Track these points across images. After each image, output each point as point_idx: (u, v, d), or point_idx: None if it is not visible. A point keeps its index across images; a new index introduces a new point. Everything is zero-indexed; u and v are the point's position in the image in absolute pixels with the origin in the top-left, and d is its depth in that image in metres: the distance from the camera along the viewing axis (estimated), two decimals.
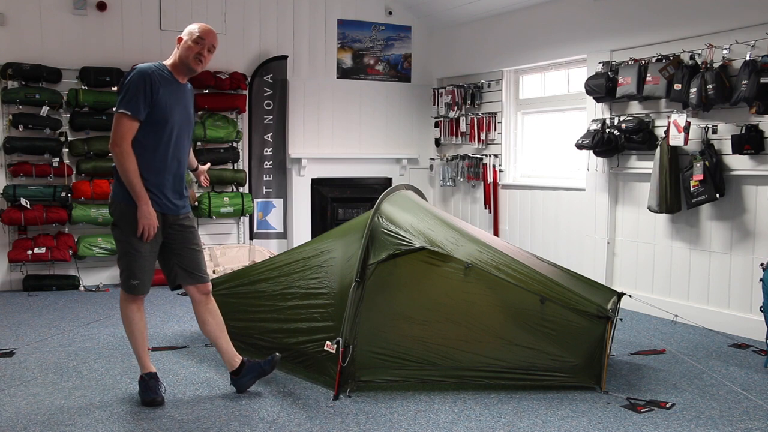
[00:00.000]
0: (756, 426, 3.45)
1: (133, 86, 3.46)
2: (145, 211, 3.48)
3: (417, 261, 3.91)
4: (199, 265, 3.75)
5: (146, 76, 3.47)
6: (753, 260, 5.08)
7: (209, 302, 3.79)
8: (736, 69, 4.93)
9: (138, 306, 3.67)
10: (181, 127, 3.63)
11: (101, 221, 6.62)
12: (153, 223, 3.50)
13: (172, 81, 3.60)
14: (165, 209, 3.61)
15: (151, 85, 3.47)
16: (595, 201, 6.26)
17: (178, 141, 3.62)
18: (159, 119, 3.51)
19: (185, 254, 3.71)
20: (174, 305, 6.01)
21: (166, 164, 3.58)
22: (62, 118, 6.62)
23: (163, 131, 3.54)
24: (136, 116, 3.45)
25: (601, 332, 3.82)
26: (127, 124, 3.45)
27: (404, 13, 8.20)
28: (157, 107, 3.49)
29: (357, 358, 3.78)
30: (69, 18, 6.70)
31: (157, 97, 3.48)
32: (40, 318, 5.50)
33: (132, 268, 3.58)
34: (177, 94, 3.61)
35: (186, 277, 3.72)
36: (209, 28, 3.65)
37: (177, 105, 3.60)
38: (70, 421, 3.42)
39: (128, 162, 3.46)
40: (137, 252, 3.56)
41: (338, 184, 7.97)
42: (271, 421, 3.45)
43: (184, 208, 3.73)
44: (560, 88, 6.97)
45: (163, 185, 3.59)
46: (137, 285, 3.60)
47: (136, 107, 3.44)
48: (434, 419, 3.49)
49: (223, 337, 3.81)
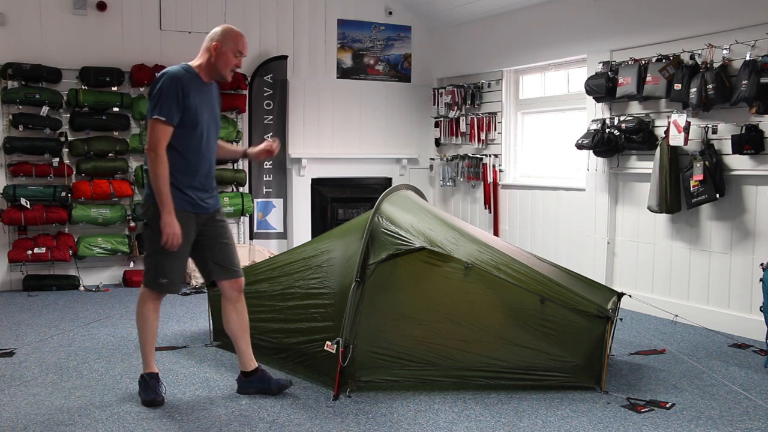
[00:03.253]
0: (756, 426, 3.45)
1: (165, 92, 3.46)
2: (168, 220, 3.47)
3: (417, 261, 3.91)
4: (231, 259, 3.75)
5: (177, 80, 3.48)
6: (753, 260, 5.07)
7: (239, 300, 3.77)
8: (736, 69, 4.93)
9: (155, 306, 3.68)
10: (209, 127, 3.65)
11: (101, 221, 6.63)
12: (176, 233, 3.48)
13: (200, 83, 3.61)
14: (198, 209, 3.62)
15: (182, 89, 3.48)
16: (595, 201, 6.26)
17: (208, 141, 3.65)
18: (190, 122, 3.53)
19: (217, 249, 3.71)
20: (174, 305, 6.00)
21: (198, 165, 3.60)
22: (62, 118, 6.61)
23: (194, 134, 3.56)
24: (170, 122, 3.46)
25: (601, 332, 3.82)
26: (162, 130, 3.46)
27: (404, 13, 8.20)
28: (188, 111, 3.51)
29: (357, 358, 3.78)
30: (69, 18, 6.70)
31: (188, 101, 3.50)
32: (40, 318, 5.50)
33: (162, 267, 3.58)
34: (205, 95, 3.62)
35: (220, 271, 3.72)
36: (244, 36, 3.64)
37: (205, 106, 3.61)
38: (70, 421, 3.42)
39: (161, 168, 3.47)
40: (168, 251, 3.54)
41: (338, 184, 7.97)
42: (271, 421, 3.45)
43: (216, 205, 3.74)
44: (560, 88, 6.97)
45: (195, 186, 3.60)
46: (166, 284, 3.60)
47: (169, 113, 3.45)
48: (434, 419, 3.49)
49: (244, 338, 3.79)
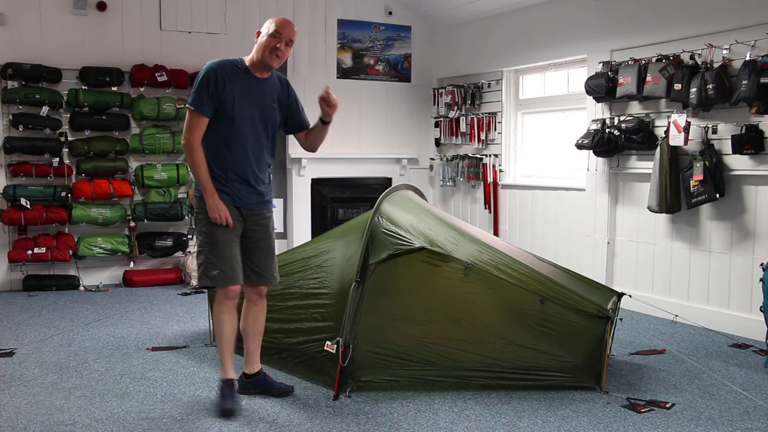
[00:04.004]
0: (756, 426, 3.45)
1: (199, 82, 3.49)
2: (211, 203, 3.49)
3: (417, 261, 3.91)
4: (268, 266, 3.70)
5: (211, 71, 3.49)
6: (753, 260, 5.08)
7: (259, 303, 3.75)
8: (736, 69, 4.93)
9: (229, 306, 3.56)
10: (253, 121, 3.58)
11: (101, 221, 6.63)
12: (223, 213, 3.49)
13: (246, 75, 3.57)
14: (238, 202, 3.60)
15: (215, 79, 3.47)
16: (595, 201, 6.26)
17: (249, 136, 3.58)
18: (226, 113, 3.51)
19: (255, 253, 3.67)
20: (174, 305, 6.01)
21: (234, 158, 3.55)
22: (62, 118, 6.62)
23: (231, 125, 3.53)
24: (200, 111, 3.47)
25: (601, 332, 3.82)
26: (194, 119, 3.49)
27: (404, 13, 8.20)
28: (223, 102, 3.49)
29: (357, 358, 3.78)
30: (69, 18, 6.70)
31: (223, 91, 3.48)
32: (40, 318, 5.50)
33: (210, 258, 3.53)
34: (251, 88, 3.57)
35: (252, 275, 3.67)
36: (287, 20, 3.62)
37: (248, 99, 3.56)
38: (70, 421, 3.42)
39: (195, 156, 3.49)
40: (215, 241, 3.52)
41: (338, 184, 7.97)
42: (271, 421, 3.45)
43: (261, 204, 3.68)
44: (560, 88, 6.97)
45: (233, 179, 3.57)
46: (218, 275, 3.51)
47: (200, 103, 3.47)
48: (434, 419, 3.49)
49: (255, 340, 3.76)
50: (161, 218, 6.83)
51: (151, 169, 6.81)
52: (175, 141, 6.83)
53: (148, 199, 6.84)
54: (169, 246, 6.96)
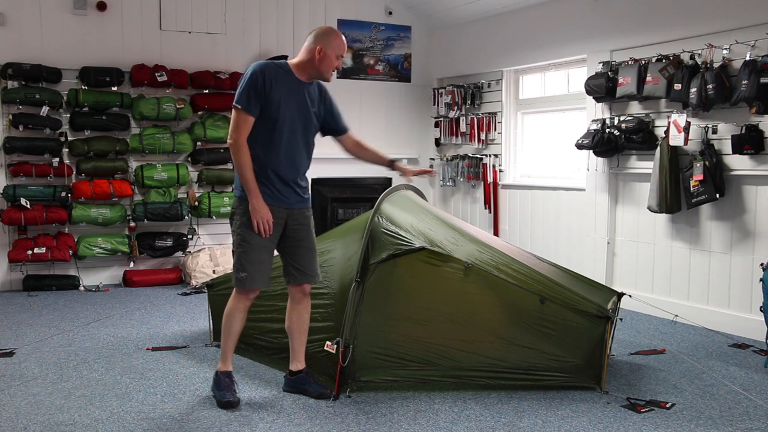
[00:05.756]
0: (756, 426, 3.45)
1: (245, 81, 3.53)
2: (255, 204, 3.52)
3: (417, 261, 3.90)
4: (311, 264, 3.75)
5: (259, 71, 3.53)
6: (753, 260, 5.08)
7: (303, 301, 3.79)
8: (736, 69, 4.93)
9: (244, 306, 3.65)
10: (295, 123, 3.62)
11: (101, 221, 6.63)
12: (266, 217, 3.52)
13: (291, 78, 3.62)
14: (279, 203, 3.62)
15: (263, 80, 3.51)
16: (595, 201, 6.26)
17: (293, 137, 3.63)
18: (270, 115, 3.55)
19: (299, 253, 3.71)
20: (174, 305, 6.01)
21: (278, 159, 3.59)
22: (62, 118, 6.61)
23: (274, 127, 3.57)
24: (246, 110, 3.50)
25: (601, 332, 3.82)
26: (240, 118, 3.51)
27: (404, 13, 8.20)
28: (269, 103, 3.53)
29: (357, 358, 3.77)
30: (69, 18, 6.70)
31: (270, 92, 3.52)
32: (40, 318, 5.50)
33: (241, 260, 3.59)
34: (295, 91, 3.62)
35: (296, 274, 3.73)
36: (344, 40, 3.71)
37: (292, 101, 3.60)
38: (70, 421, 3.42)
39: (241, 155, 3.51)
40: (248, 244, 3.57)
41: (338, 184, 7.97)
42: (271, 421, 3.45)
43: (301, 203, 3.72)
44: (560, 88, 6.97)
45: (275, 179, 3.60)
46: (245, 278, 3.58)
47: (246, 101, 3.50)
48: (434, 419, 3.49)
49: (299, 339, 3.80)
50: (161, 218, 6.83)
51: (151, 169, 6.81)
52: (175, 141, 6.83)
53: (148, 199, 6.84)
54: (169, 246, 6.96)
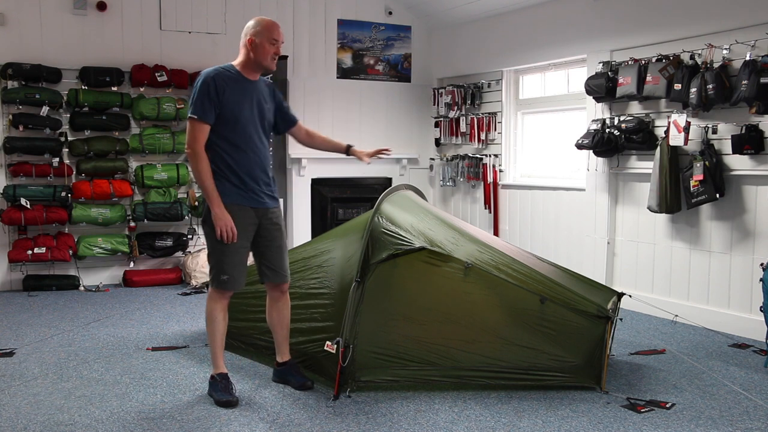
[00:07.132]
0: (756, 426, 3.45)
1: (197, 91, 3.58)
2: (217, 213, 3.56)
3: (417, 261, 3.90)
4: (282, 263, 3.83)
5: (209, 79, 3.58)
6: (753, 260, 5.08)
7: (281, 299, 3.88)
8: (736, 69, 4.93)
9: (223, 306, 3.73)
10: (254, 122, 3.69)
11: (101, 221, 6.63)
12: (228, 224, 3.56)
13: (240, 80, 3.67)
14: (253, 203, 3.68)
15: (215, 87, 3.56)
16: (595, 201, 6.26)
17: (254, 136, 3.68)
18: (229, 118, 3.60)
19: (270, 252, 3.78)
20: (174, 305, 6.01)
21: (246, 160, 3.65)
22: (62, 118, 6.62)
23: (235, 129, 3.62)
24: (202, 119, 3.55)
25: (601, 332, 3.82)
26: (196, 127, 3.56)
27: (404, 13, 8.20)
28: (225, 107, 3.58)
29: (357, 358, 3.77)
30: (69, 18, 6.70)
31: (223, 97, 3.57)
32: (40, 318, 5.50)
33: (222, 264, 3.65)
34: (246, 91, 3.67)
35: (269, 274, 3.81)
36: (277, 24, 3.71)
37: (246, 102, 3.66)
38: (70, 421, 3.42)
39: (199, 164, 3.57)
40: (226, 247, 3.61)
41: (338, 184, 7.97)
42: (271, 421, 3.45)
43: (272, 203, 3.79)
44: (560, 88, 6.97)
45: (248, 180, 3.66)
46: (227, 280, 3.66)
47: (201, 111, 3.55)
48: (434, 419, 3.49)
49: (281, 332, 3.91)
50: (161, 218, 6.83)
51: (151, 169, 6.81)
52: (175, 141, 6.83)
53: (148, 199, 6.84)
54: (169, 246, 6.96)
